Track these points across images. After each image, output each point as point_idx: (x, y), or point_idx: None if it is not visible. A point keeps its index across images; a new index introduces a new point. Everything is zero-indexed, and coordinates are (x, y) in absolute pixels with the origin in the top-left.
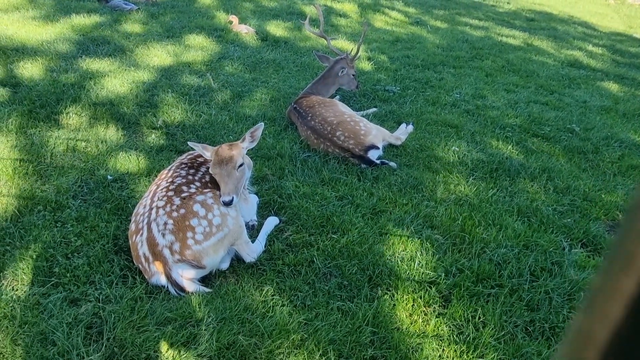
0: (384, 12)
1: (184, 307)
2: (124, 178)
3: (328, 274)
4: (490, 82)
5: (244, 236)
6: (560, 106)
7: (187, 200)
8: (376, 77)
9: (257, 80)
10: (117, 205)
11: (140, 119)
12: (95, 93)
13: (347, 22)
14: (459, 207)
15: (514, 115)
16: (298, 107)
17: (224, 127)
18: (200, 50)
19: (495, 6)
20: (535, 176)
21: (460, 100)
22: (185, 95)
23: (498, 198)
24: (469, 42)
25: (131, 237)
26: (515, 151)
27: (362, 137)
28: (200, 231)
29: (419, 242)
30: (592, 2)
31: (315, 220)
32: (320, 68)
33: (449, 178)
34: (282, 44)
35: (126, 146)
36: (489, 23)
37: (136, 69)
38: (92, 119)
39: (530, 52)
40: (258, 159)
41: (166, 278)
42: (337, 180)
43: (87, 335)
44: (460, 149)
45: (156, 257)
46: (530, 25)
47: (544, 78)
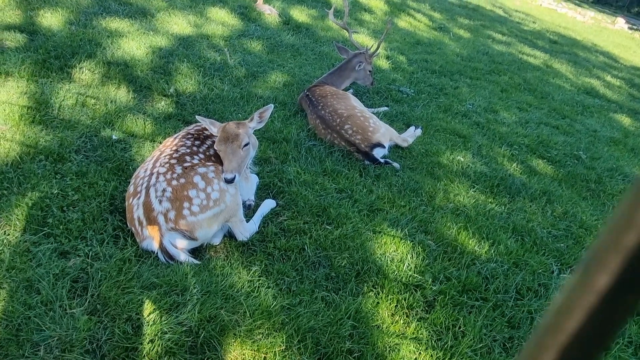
0: (409, 13)
1: (170, 275)
2: (129, 140)
3: (317, 263)
4: (504, 97)
5: (240, 214)
6: (570, 132)
7: (189, 171)
8: (392, 76)
9: (273, 63)
10: (118, 165)
11: (153, 84)
12: (111, 52)
13: (371, 17)
14: (456, 217)
15: (523, 134)
16: (310, 95)
17: (234, 104)
18: (221, 25)
19: (521, 23)
20: (535, 197)
21: (472, 111)
22: (201, 67)
23: (495, 213)
24: (490, 55)
25: (128, 199)
26: (519, 170)
27: (370, 133)
28: (197, 203)
29: (411, 245)
30: (617, 34)
31: (311, 209)
32: (338, 59)
33: (449, 187)
34: (303, 30)
35: (135, 109)
36: (512, 39)
37: (155, 34)
38: (104, 77)
39: (549, 74)
40: (264, 141)
41: (157, 245)
42: (339, 172)
43: (72, 288)
44: (465, 160)
45: (150, 222)
46: (552, 47)
47: (558, 102)
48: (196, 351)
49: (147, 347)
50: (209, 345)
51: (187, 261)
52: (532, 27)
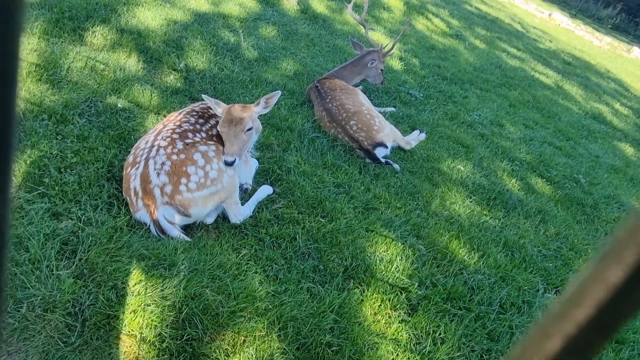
0: (427, 17)
1: (160, 249)
2: (133, 109)
3: (307, 254)
4: (511, 112)
5: (235, 196)
6: (572, 154)
7: (190, 147)
8: (403, 78)
9: (286, 50)
10: (120, 133)
11: (164, 57)
12: (125, 20)
13: (389, 16)
14: (449, 225)
15: (525, 151)
16: (320, 86)
17: (243, 87)
18: (239, 6)
19: (537, 41)
20: (529, 215)
21: (478, 122)
22: (213, 45)
23: (489, 226)
24: (502, 68)
25: (126, 168)
26: (517, 186)
27: (374, 132)
28: (195, 180)
29: (402, 247)
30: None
31: (307, 200)
32: (351, 54)
33: (446, 194)
34: (320, 21)
35: (143, 79)
36: (527, 55)
37: (171, 7)
38: (116, 44)
39: (559, 94)
40: (268, 127)
41: (150, 217)
42: (339, 167)
43: (61, 250)
44: (465, 169)
45: (146, 194)
46: (565, 68)
47: (565, 123)
48: (177, 327)
49: (129, 317)
50: (190, 322)
51: (178, 237)
52: (548, 45)
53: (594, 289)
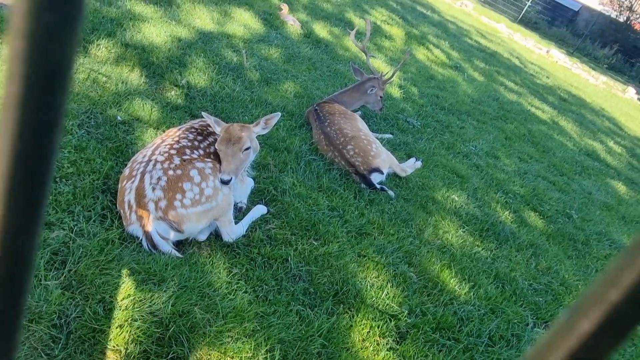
0: (428, 47)
1: (151, 264)
2: (133, 123)
3: (298, 276)
4: (507, 145)
5: (230, 215)
6: (565, 190)
7: (187, 164)
8: (401, 106)
9: (288, 73)
10: (118, 146)
11: (166, 73)
12: (131, 34)
13: (391, 45)
14: (441, 254)
15: (519, 184)
16: (319, 110)
17: (243, 106)
18: (243, 27)
19: (535, 76)
20: (521, 248)
21: (474, 153)
22: (216, 64)
23: (481, 257)
24: (500, 101)
25: (122, 181)
26: (510, 218)
27: (371, 158)
28: (190, 196)
29: (393, 274)
30: (626, 102)
31: (301, 222)
32: (351, 80)
33: (440, 223)
34: (322, 46)
35: (144, 94)
36: (524, 90)
37: (177, 25)
38: (120, 57)
39: (554, 129)
40: (266, 147)
41: (143, 231)
42: (334, 191)
43: (50, 260)
44: (459, 200)
45: (140, 208)
46: (561, 105)
47: (559, 158)
48: (163, 344)
49: (115, 331)
50: (177, 340)
51: (169, 252)
52: (545, 81)
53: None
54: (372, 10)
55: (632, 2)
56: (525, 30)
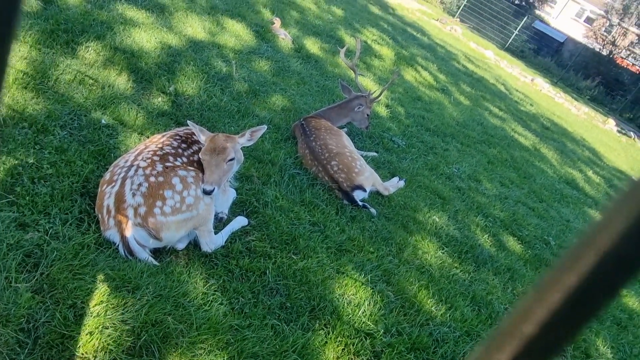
0: (416, 69)
1: (126, 271)
2: (117, 127)
3: (275, 290)
4: (489, 169)
5: (209, 225)
6: (544, 216)
7: (169, 171)
8: (387, 125)
9: (276, 86)
10: (100, 150)
11: (154, 78)
12: (120, 38)
13: (380, 64)
14: (420, 274)
15: (500, 208)
16: (305, 124)
17: (229, 116)
18: (235, 38)
19: (519, 103)
20: (499, 272)
21: (456, 175)
22: (205, 73)
23: (458, 279)
24: (484, 126)
25: (102, 185)
26: (489, 242)
27: (354, 175)
28: (170, 204)
29: (371, 292)
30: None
31: (282, 236)
32: (339, 97)
33: (420, 243)
34: (312, 61)
35: (130, 98)
36: (508, 116)
37: (168, 32)
38: (108, 61)
39: (535, 156)
40: (250, 159)
41: (120, 237)
42: (316, 206)
43: (22, 262)
44: (440, 221)
45: (118, 213)
46: (543, 132)
47: (539, 185)
48: (134, 353)
49: (85, 338)
50: (147, 349)
51: (146, 260)
52: (529, 109)
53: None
54: (363, 29)
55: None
56: (512, 58)
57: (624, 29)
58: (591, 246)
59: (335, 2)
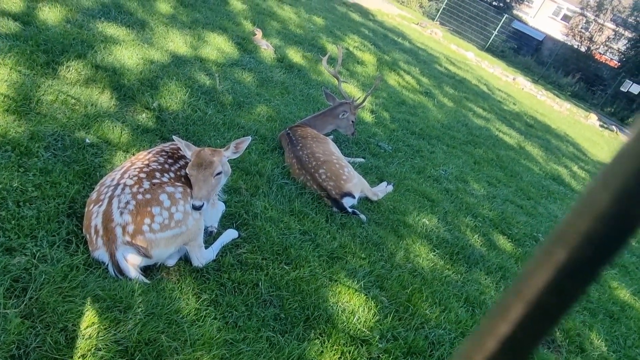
0: (399, 73)
1: (117, 290)
2: (102, 146)
3: (269, 302)
4: (476, 169)
5: (199, 239)
6: (532, 213)
7: (156, 188)
8: (373, 130)
9: (260, 96)
10: (85, 169)
11: (137, 95)
12: (102, 56)
13: (362, 70)
14: (412, 278)
15: (488, 207)
16: (292, 134)
17: (215, 129)
18: (217, 50)
19: (502, 102)
20: (491, 271)
21: (444, 177)
22: (189, 87)
23: (451, 280)
24: (468, 126)
25: (89, 205)
26: (479, 242)
27: (343, 182)
28: (159, 221)
29: (365, 298)
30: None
31: (272, 246)
32: (324, 104)
33: (411, 247)
34: (295, 70)
35: (114, 116)
36: (492, 115)
37: (149, 47)
38: (90, 80)
39: (521, 154)
40: (237, 171)
41: (109, 256)
42: (306, 215)
43: (10, 287)
44: (429, 223)
45: (106, 232)
46: (527, 130)
47: (526, 183)
48: None
49: None
50: None
51: (136, 278)
52: (512, 107)
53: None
54: (344, 37)
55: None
56: (492, 58)
57: (600, 25)
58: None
59: (315, 11)
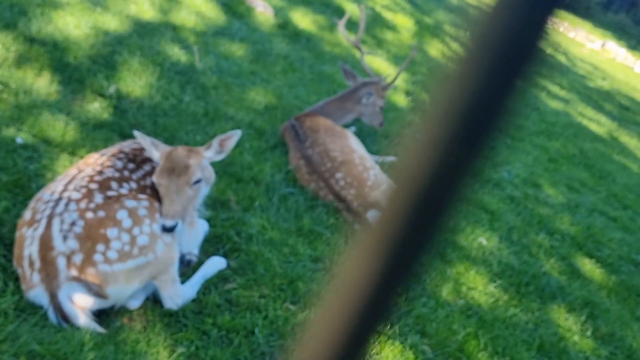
0: (443, 40)
1: (60, 343)
2: (39, 147)
3: (269, 355)
4: (551, 169)
5: (173, 272)
6: (630, 228)
7: (113, 202)
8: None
9: (256, 76)
10: (17, 180)
11: (87, 77)
12: (38, 26)
13: (394, 37)
14: (465, 319)
15: (569, 221)
16: (298, 126)
17: (195, 122)
18: (195, 15)
19: (586, 78)
20: (574, 308)
21: (507, 181)
22: (157, 65)
23: (519, 322)
24: (540, 111)
25: (20, 229)
26: (557, 268)
27: (368, 189)
28: (117, 247)
29: (401, 348)
30: None
31: (273, 279)
32: (342, 85)
33: (463, 276)
34: (302, 40)
35: (56, 106)
36: (572, 96)
37: (103, 12)
38: (22, 57)
39: (613, 147)
40: (224, 177)
41: (49, 297)
42: (319, 235)
43: None
44: (488, 244)
45: (45, 265)
46: (622, 115)
47: (621, 186)
48: None
49: None
50: None
51: (87, 326)
52: (600, 84)
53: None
54: None
55: None
56: (573, 17)
57: None
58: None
59: None
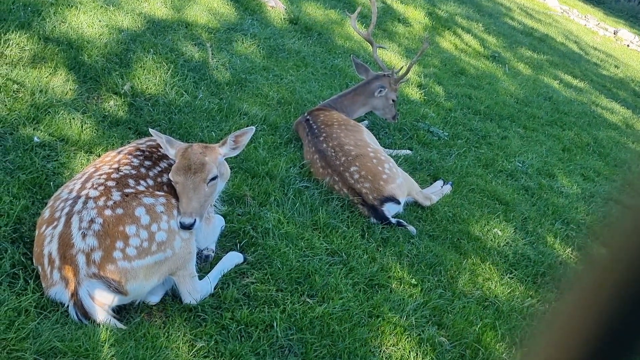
0: (456, 32)
1: (81, 340)
2: (55, 146)
3: (287, 348)
4: (565, 159)
5: (191, 267)
6: None
7: (130, 199)
8: (422, 111)
9: (268, 71)
10: (35, 178)
11: (102, 76)
12: (52, 25)
13: (406, 31)
14: (482, 310)
15: (585, 210)
16: (312, 120)
17: (209, 118)
18: (208, 12)
19: (600, 66)
20: None
21: (521, 171)
22: (171, 62)
23: (536, 312)
24: (554, 101)
25: (40, 227)
26: (574, 258)
27: (383, 182)
28: (135, 244)
29: (417, 340)
30: None
31: (290, 273)
32: (355, 79)
33: (479, 267)
34: (314, 34)
35: (72, 105)
36: (585, 84)
37: (116, 10)
38: (37, 57)
39: (628, 136)
40: (240, 172)
41: (70, 295)
42: (335, 228)
43: None
44: (503, 234)
45: (65, 262)
46: (636, 102)
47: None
48: None
49: None
50: None
51: (107, 322)
52: (614, 72)
53: None
54: None
55: None
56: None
57: None
58: None
59: None
